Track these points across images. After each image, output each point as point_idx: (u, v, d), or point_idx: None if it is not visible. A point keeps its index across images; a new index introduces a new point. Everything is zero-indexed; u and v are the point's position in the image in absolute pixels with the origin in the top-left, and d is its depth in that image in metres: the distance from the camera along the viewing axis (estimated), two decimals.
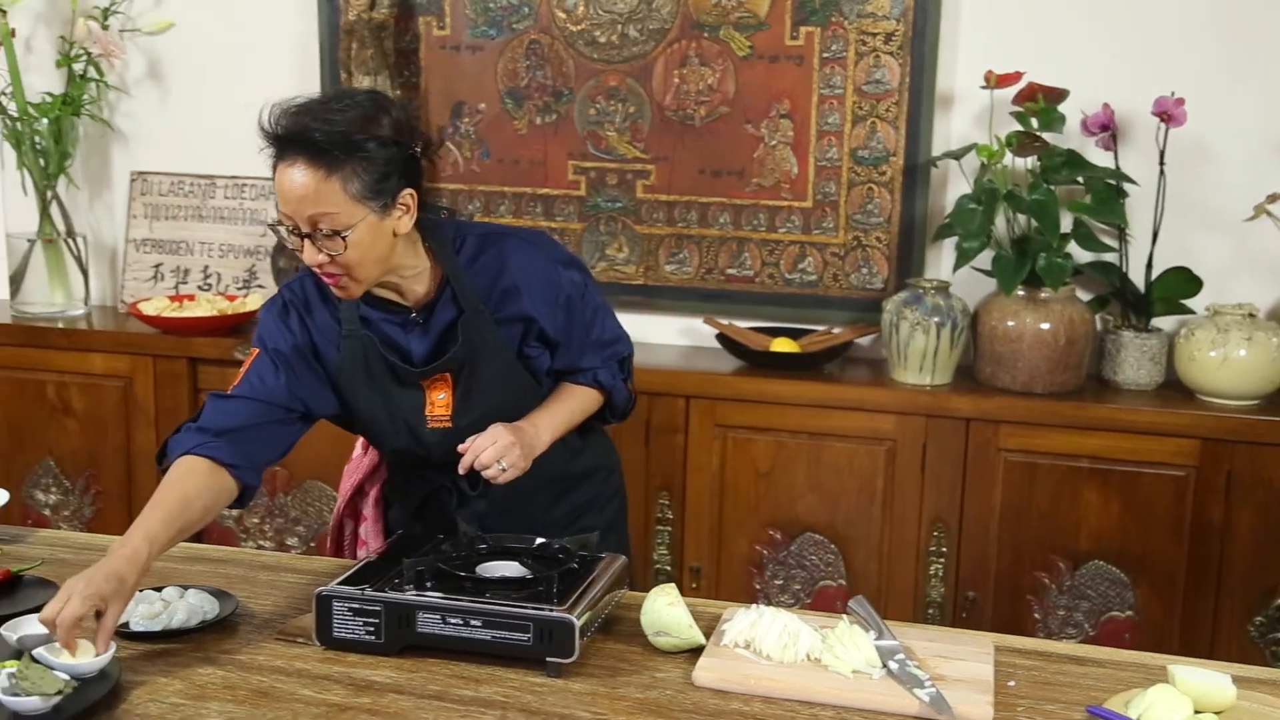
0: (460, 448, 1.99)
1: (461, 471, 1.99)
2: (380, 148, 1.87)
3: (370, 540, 2.27)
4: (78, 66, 3.55)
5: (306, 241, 1.88)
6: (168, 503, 1.88)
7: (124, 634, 1.83)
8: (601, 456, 2.30)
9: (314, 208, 1.84)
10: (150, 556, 1.79)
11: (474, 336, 2.03)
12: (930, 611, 3.02)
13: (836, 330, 3.27)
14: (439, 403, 2.06)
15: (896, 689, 1.71)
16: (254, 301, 3.51)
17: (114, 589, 1.71)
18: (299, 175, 1.84)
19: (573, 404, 2.15)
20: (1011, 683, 1.77)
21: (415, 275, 2.02)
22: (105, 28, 3.52)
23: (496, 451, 1.97)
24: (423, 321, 2.05)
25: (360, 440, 2.34)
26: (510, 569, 1.91)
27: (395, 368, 2.04)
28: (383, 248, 1.92)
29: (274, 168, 1.88)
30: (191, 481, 1.93)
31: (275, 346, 2.05)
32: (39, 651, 1.68)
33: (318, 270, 1.92)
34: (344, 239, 1.86)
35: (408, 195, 1.91)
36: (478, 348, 2.03)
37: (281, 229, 1.92)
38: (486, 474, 1.98)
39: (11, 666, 1.64)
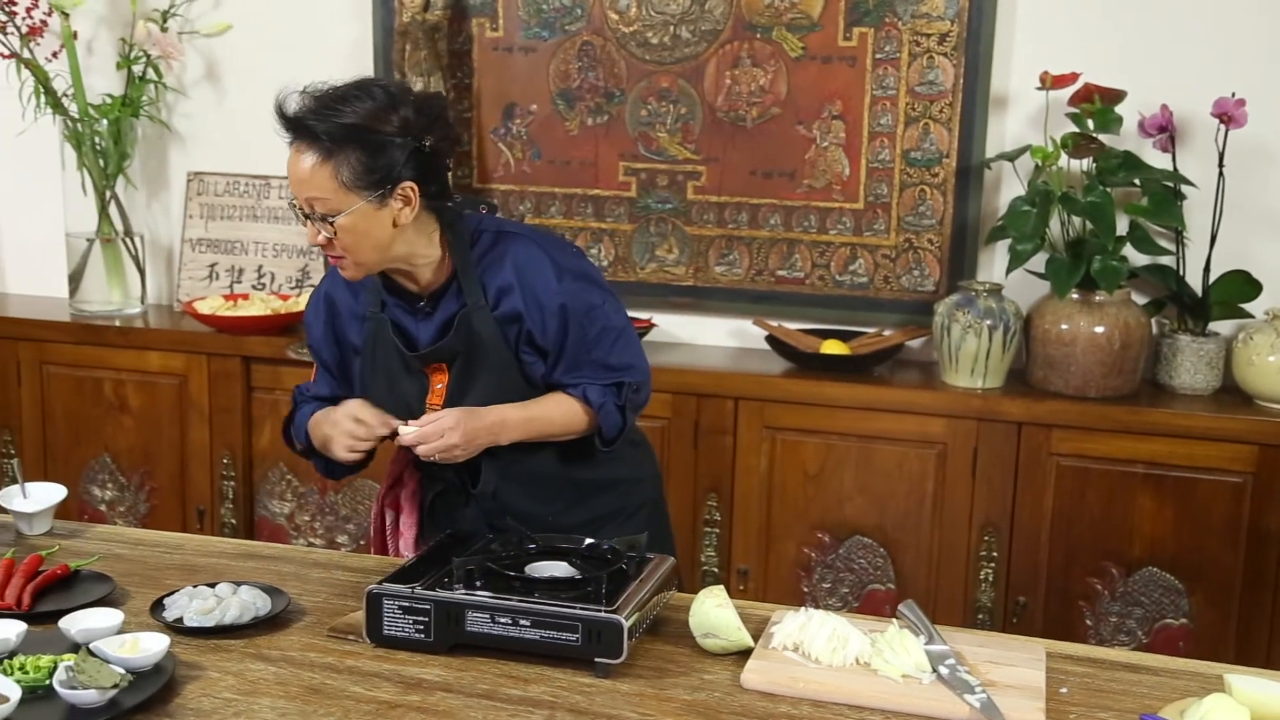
0: (413, 429, 2.03)
1: (403, 444, 2.05)
2: (383, 141, 1.94)
3: (405, 532, 2.29)
4: (137, 68, 3.60)
5: (309, 220, 1.99)
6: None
7: (177, 629, 1.85)
8: (625, 469, 2.26)
9: (308, 191, 1.96)
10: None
11: (470, 330, 2.07)
12: (980, 616, 2.99)
13: (887, 332, 3.25)
14: (437, 392, 2.11)
15: (946, 694, 1.70)
16: (306, 301, 3.53)
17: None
18: (298, 159, 1.96)
19: (550, 410, 2.11)
20: (1064, 689, 1.76)
21: (426, 264, 2.08)
22: (164, 30, 3.56)
23: (433, 439, 2.01)
24: (430, 311, 2.11)
25: None
26: (559, 569, 1.92)
27: (400, 352, 2.11)
28: (380, 235, 1.98)
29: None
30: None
31: (319, 351, 2.22)
32: (96, 645, 1.71)
33: (320, 249, 2.03)
34: (332, 224, 1.95)
35: (408, 188, 1.97)
36: (474, 341, 2.07)
37: (293, 206, 2.04)
38: (418, 450, 2.03)
39: (69, 660, 1.66)
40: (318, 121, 1.93)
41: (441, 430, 2.00)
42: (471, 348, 2.08)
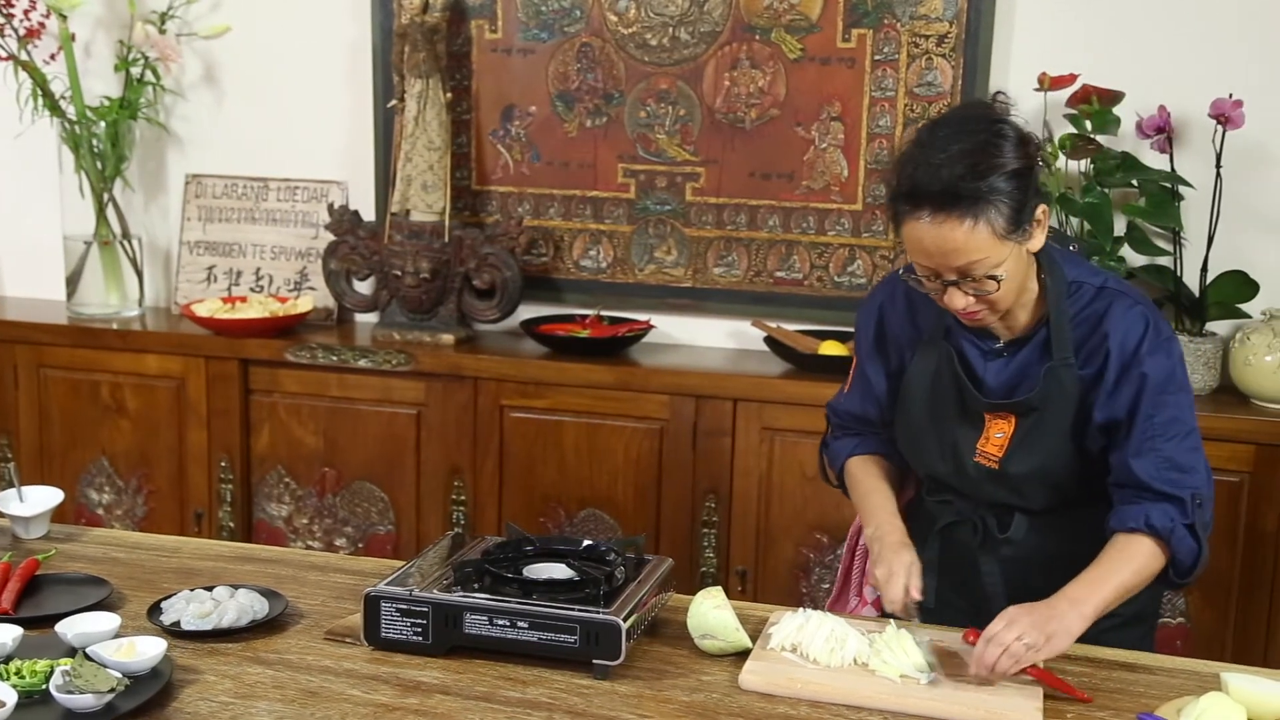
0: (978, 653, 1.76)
1: (973, 672, 1.76)
2: (1012, 178, 1.79)
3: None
4: (135, 70, 3.60)
5: (951, 288, 1.84)
6: (878, 488, 2.11)
7: (174, 633, 1.85)
8: None
9: (964, 257, 1.79)
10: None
11: (1055, 388, 1.92)
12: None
13: None
14: (995, 440, 1.96)
15: (944, 694, 1.70)
16: (304, 303, 3.54)
17: (912, 557, 1.94)
18: (942, 229, 1.78)
19: (1126, 571, 1.84)
20: None
21: (1026, 304, 1.94)
22: (163, 32, 3.56)
23: (1010, 657, 1.72)
24: (1006, 355, 1.98)
25: None
26: (557, 571, 1.92)
27: (965, 391, 1.98)
28: (1023, 272, 1.88)
29: (900, 219, 1.83)
30: (871, 469, 2.15)
31: (865, 363, 2.14)
32: (92, 649, 1.71)
33: (958, 312, 1.88)
34: (999, 281, 1.82)
35: (1041, 211, 1.85)
36: (1054, 399, 1.92)
37: (913, 277, 1.89)
38: (989, 651, 1.74)
39: (66, 664, 1.66)
40: (976, 182, 1.76)
41: (1017, 653, 1.72)
42: (1049, 405, 1.92)
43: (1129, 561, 1.84)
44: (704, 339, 3.42)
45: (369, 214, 3.55)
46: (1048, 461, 1.94)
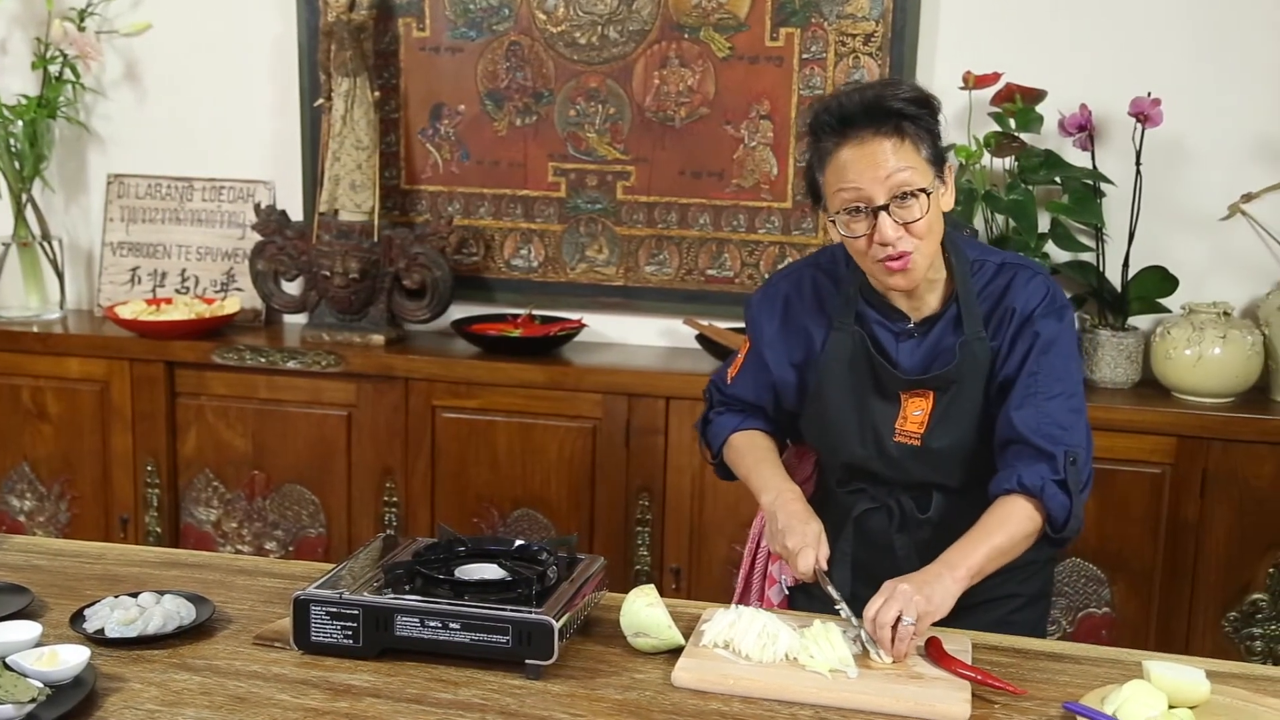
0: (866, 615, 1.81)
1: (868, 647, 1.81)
2: (923, 105, 1.89)
3: (787, 575, 2.18)
4: (53, 68, 3.53)
5: (882, 217, 1.86)
6: (770, 459, 2.13)
7: (98, 640, 1.82)
8: None
9: (895, 169, 1.85)
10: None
11: (969, 361, 1.96)
12: None
13: None
14: (913, 419, 2.00)
15: (873, 686, 1.71)
16: (231, 305, 3.49)
17: (819, 527, 1.98)
18: (872, 146, 1.85)
19: (1000, 534, 1.88)
20: None
21: (931, 284, 1.98)
22: (81, 29, 3.50)
23: (902, 642, 1.77)
24: (918, 335, 2.01)
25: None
26: (489, 571, 1.91)
27: (881, 371, 2.00)
28: (940, 225, 1.92)
29: (827, 156, 1.89)
30: (760, 441, 2.17)
31: (762, 352, 2.13)
32: (13, 659, 1.67)
33: (885, 253, 1.88)
34: (928, 196, 1.86)
35: (949, 167, 1.94)
36: (969, 373, 1.97)
37: (842, 216, 1.90)
38: (881, 636, 1.79)
39: None
40: (893, 96, 1.86)
41: (891, 618, 1.77)
42: (965, 378, 1.97)
43: (1002, 524, 1.89)
44: (636, 337, 3.42)
45: (296, 214, 3.51)
46: (967, 434, 1.99)
